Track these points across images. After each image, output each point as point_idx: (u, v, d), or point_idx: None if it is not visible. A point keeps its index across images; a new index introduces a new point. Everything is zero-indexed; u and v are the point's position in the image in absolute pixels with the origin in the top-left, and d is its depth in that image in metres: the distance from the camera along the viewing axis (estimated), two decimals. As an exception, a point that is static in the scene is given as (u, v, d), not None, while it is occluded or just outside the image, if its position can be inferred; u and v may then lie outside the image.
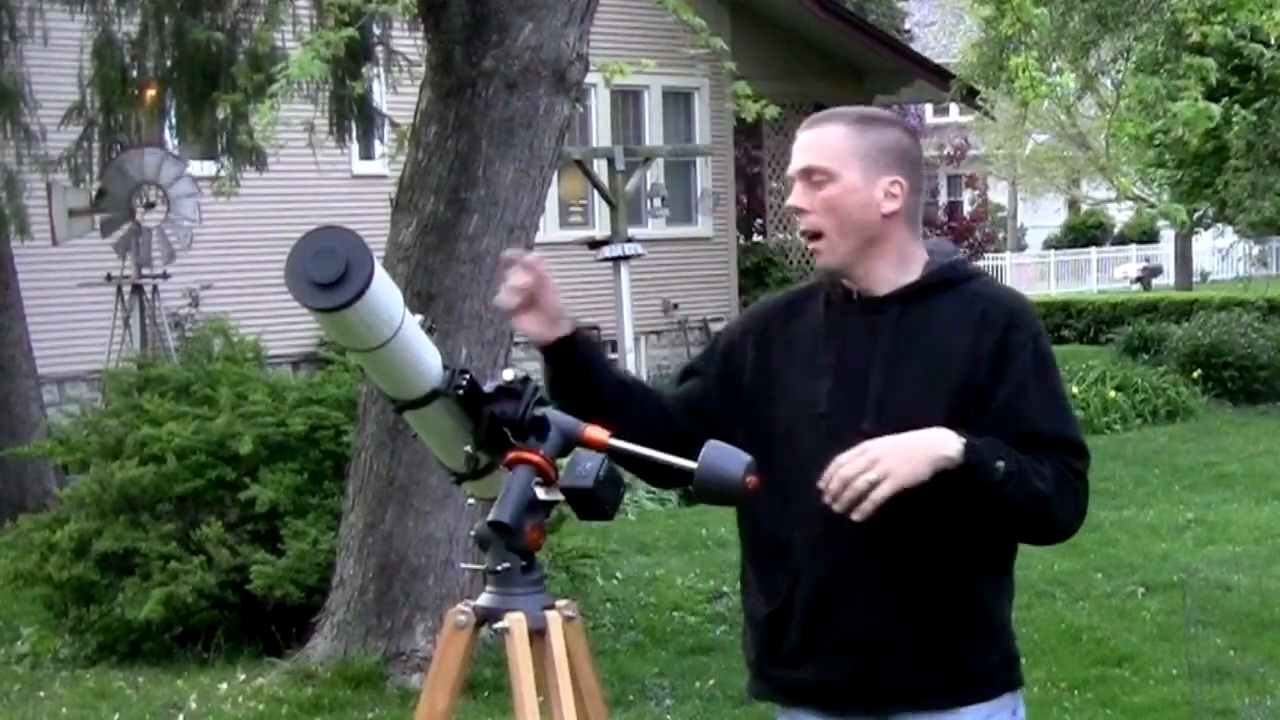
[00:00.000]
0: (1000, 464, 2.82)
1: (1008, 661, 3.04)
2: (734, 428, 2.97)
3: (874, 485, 2.77)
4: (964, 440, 2.83)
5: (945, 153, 29.92)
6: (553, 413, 2.79)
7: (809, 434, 2.94)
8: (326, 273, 2.51)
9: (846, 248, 2.96)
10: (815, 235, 2.97)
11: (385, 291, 2.58)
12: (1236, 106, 18.55)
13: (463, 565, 6.85)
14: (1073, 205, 46.89)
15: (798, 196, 2.99)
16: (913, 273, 2.99)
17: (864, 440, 2.83)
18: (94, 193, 12.53)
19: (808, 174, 2.97)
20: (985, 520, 2.91)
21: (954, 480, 2.82)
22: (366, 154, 15.29)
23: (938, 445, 2.81)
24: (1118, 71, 21.24)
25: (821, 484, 2.81)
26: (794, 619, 2.97)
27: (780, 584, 2.99)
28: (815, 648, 2.97)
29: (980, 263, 29.30)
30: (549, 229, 15.22)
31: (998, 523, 2.92)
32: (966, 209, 29.72)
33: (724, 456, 2.72)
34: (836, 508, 2.79)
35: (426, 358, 2.70)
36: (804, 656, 2.98)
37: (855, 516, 2.79)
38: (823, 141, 2.97)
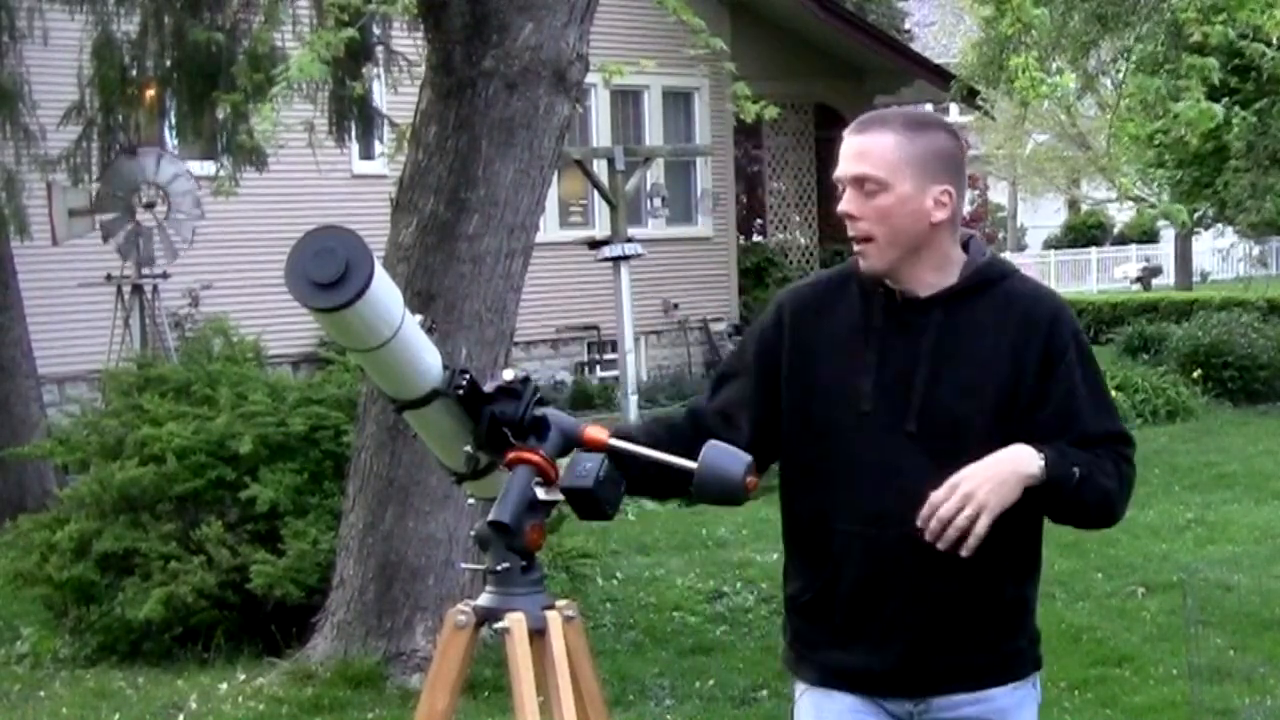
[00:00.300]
0: (1075, 470, 2.94)
1: (1034, 641, 3.15)
2: (779, 424, 3.04)
3: (973, 520, 2.87)
4: (1042, 455, 2.92)
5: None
6: (553, 413, 2.79)
7: (852, 432, 2.99)
8: (326, 273, 2.51)
9: (894, 254, 3.00)
10: (865, 239, 3.01)
11: (385, 291, 2.58)
12: (1236, 108, 18.58)
13: (463, 565, 6.85)
14: (1073, 205, 46.89)
15: (850, 203, 3.01)
16: (951, 275, 3.04)
17: (909, 441, 2.94)
18: (94, 193, 12.53)
19: (859, 182, 2.99)
20: (1053, 518, 3.04)
21: (1038, 494, 2.93)
22: (366, 154, 15.29)
23: (1022, 466, 2.92)
24: (1118, 71, 21.25)
25: (920, 523, 2.89)
26: (836, 606, 3.05)
27: (820, 573, 3.06)
28: (857, 635, 3.04)
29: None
30: (549, 229, 15.22)
31: (1064, 519, 3.05)
32: (966, 209, 29.69)
33: (724, 456, 2.73)
34: (940, 546, 2.89)
35: (426, 358, 2.70)
36: (846, 641, 3.05)
37: (963, 553, 2.90)
38: (875, 150, 2.99)
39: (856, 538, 3.00)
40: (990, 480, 2.88)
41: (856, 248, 3.02)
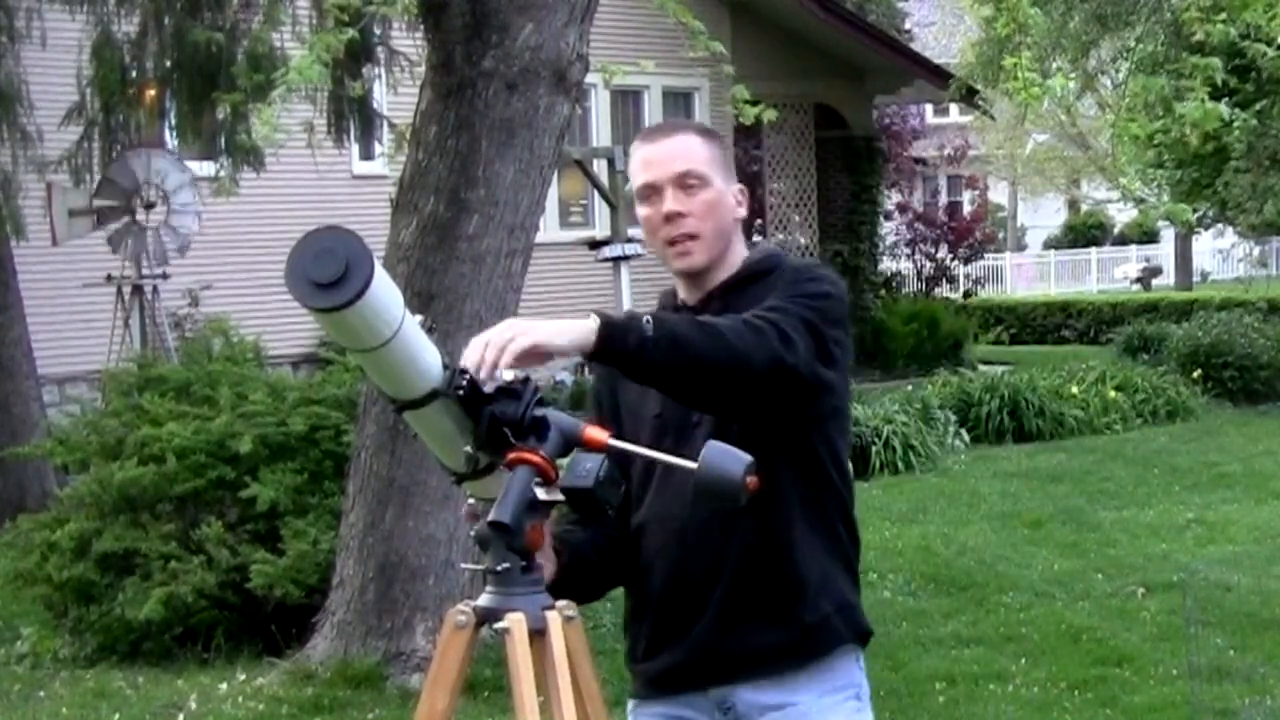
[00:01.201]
0: (647, 318, 2.78)
1: (843, 609, 3.08)
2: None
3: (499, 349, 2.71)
4: (598, 316, 2.76)
5: (945, 153, 29.93)
6: (553, 413, 2.78)
7: (647, 437, 3.02)
8: (326, 273, 2.51)
9: (716, 249, 3.09)
10: (689, 237, 3.07)
11: (385, 291, 2.57)
12: (1237, 109, 18.59)
13: (463, 565, 6.85)
14: (1073, 205, 46.92)
15: (676, 202, 3.06)
16: (734, 269, 3.13)
17: (700, 436, 2.89)
18: (94, 193, 12.54)
19: (682, 179, 3.06)
20: (669, 384, 2.85)
21: (612, 358, 2.77)
22: (366, 154, 15.30)
23: (556, 331, 2.75)
24: (1118, 71, 21.28)
25: (464, 362, 2.72)
26: (647, 613, 3.11)
27: (637, 584, 3.13)
28: (664, 637, 3.08)
29: (980, 263, 29.55)
30: (549, 229, 15.23)
31: (681, 379, 2.84)
32: (966, 209, 29.70)
33: (724, 456, 2.72)
34: (482, 374, 2.70)
35: (426, 357, 2.70)
36: (655, 648, 3.10)
37: (483, 375, 2.70)
38: (687, 149, 3.10)
39: (656, 536, 3.07)
40: (537, 325, 2.75)
41: (679, 248, 3.07)
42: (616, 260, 14.51)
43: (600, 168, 15.07)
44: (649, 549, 3.10)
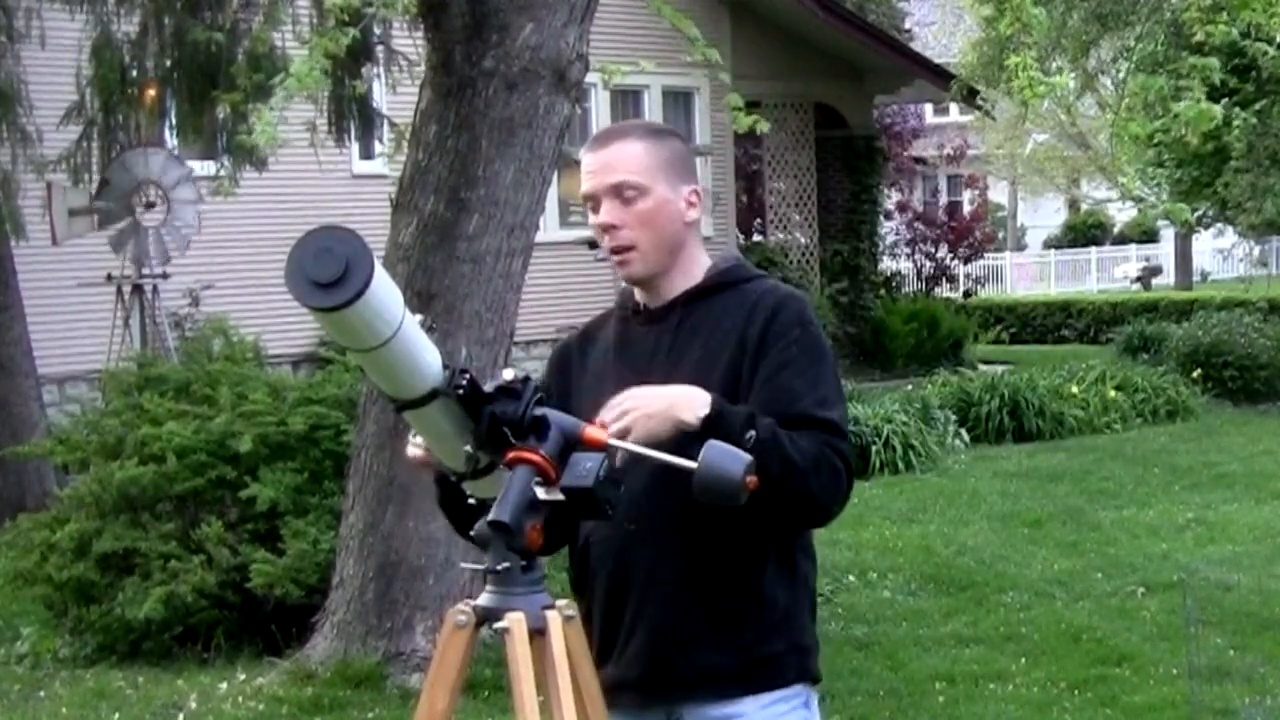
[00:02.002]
0: (751, 433, 2.82)
1: (798, 650, 3.06)
2: None
3: (621, 435, 2.80)
4: (715, 403, 2.84)
5: (945, 153, 29.92)
6: (553, 413, 2.78)
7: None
8: (326, 272, 2.51)
9: (657, 259, 3.05)
10: (626, 249, 3.03)
11: (385, 291, 2.58)
12: (1236, 109, 18.58)
13: (463, 565, 6.84)
14: (1073, 205, 46.89)
15: (610, 213, 3.04)
16: (697, 277, 3.09)
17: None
18: (93, 193, 12.53)
19: (618, 190, 3.03)
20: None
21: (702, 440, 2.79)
22: (366, 154, 15.27)
23: (680, 408, 2.83)
24: (1118, 71, 21.26)
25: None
26: (594, 621, 3.04)
27: (586, 592, 3.07)
28: (611, 646, 3.04)
29: (980, 262, 29.55)
30: (549, 229, 15.22)
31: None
32: (966, 209, 29.69)
33: (724, 456, 2.72)
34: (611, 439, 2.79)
35: (426, 357, 2.70)
36: (603, 658, 3.02)
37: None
38: (625, 158, 3.04)
39: (604, 544, 3.03)
40: (646, 409, 2.83)
41: (617, 258, 3.05)
42: (616, 260, 14.46)
43: (600, 167, 15.03)
44: (595, 557, 3.07)
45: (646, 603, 3.00)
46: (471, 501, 2.88)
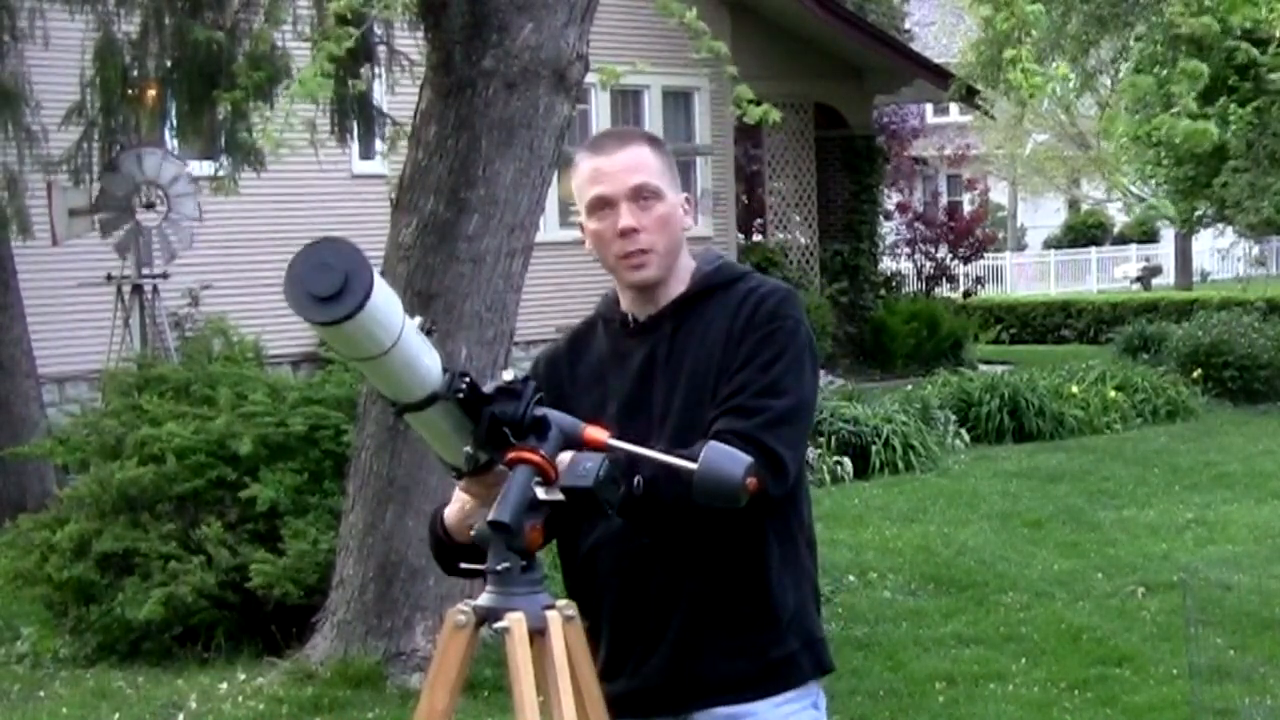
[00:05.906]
0: (637, 480, 2.80)
1: (810, 645, 3.06)
2: None
3: None
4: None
5: (945, 153, 29.93)
6: (553, 413, 2.78)
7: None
8: (326, 286, 2.49)
9: (667, 263, 3.06)
10: (645, 252, 3.03)
11: (385, 301, 2.57)
12: (1234, 105, 18.60)
13: (463, 565, 6.84)
14: (1073, 205, 46.90)
15: (632, 216, 3.01)
16: (685, 282, 3.09)
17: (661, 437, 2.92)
18: (94, 193, 12.53)
19: (638, 192, 3.01)
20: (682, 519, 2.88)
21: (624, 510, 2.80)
22: (366, 154, 15.28)
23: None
24: (1117, 71, 21.28)
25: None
26: (603, 635, 3.03)
27: (591, 604, 3.03)
28: (624, 659, 3.03)
29: (980, 262, 29.56)
30: (549, 229, 15.21)
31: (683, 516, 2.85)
32: (966, 209, 29.70)
33: (724, 457, 2.72)
34: None
35: (426, 362, 2.69)
36: (616, 670, 3.02)
37: None
38: (642, 160, 3.04)
39: (611, 560, 3.01)
40: None
41: (633, 261, 3.03)
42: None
43: (600, 167, 15.03)
44: (603, 570, 3.04)
45: (667, 615, 2.98)
46: (463, 566, 2.90)
